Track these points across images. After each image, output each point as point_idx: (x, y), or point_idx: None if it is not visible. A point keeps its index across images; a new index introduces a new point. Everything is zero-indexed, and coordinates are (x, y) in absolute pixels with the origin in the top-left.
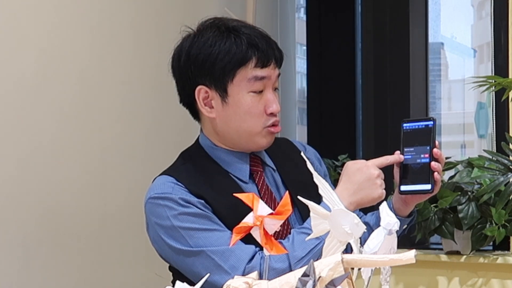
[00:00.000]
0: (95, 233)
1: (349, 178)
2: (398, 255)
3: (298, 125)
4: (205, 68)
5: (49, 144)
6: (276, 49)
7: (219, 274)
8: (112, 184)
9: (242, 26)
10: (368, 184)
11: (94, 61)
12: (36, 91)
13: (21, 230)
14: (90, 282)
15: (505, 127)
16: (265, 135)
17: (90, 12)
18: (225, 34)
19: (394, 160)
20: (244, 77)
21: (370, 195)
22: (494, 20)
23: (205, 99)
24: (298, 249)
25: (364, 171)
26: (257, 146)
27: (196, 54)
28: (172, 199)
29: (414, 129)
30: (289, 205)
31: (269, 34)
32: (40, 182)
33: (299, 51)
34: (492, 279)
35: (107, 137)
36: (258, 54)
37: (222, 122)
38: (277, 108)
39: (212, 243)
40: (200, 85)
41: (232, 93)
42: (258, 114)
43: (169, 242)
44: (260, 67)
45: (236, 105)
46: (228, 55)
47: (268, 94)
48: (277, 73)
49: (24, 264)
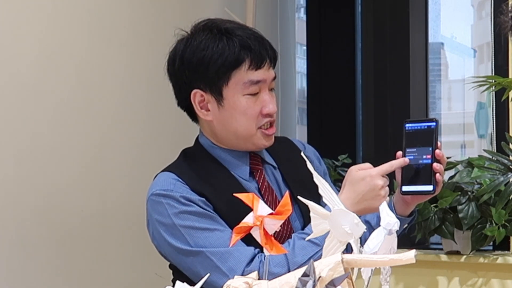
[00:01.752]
0: (94, 232)
1: (352, 187)
2: (398, 255)
3: (298, 125)
4: (199, 72)
5: (48, 143)
6: (270, 49)
7: (217, 275)
8: (111, 183)
9: (235, 27)
10: (371, 195)
11: (94, 61)
12: (34, 90)
13: (20, 230)
14: (90, 282)
15: (505, 127)
16: (260, 136)
17: (90, 12)
18: (217, 36)
19: (399, 165)
20: (239, 80)
21: (373, 205)
22: (494, 20)
23: (201, 103)
24: (298, 255)
25: (368, 181)
26: (255, 147)
27: (189, 58)
28: (174, 197)
29: (416, 129)
30: (289, 205)
31: (269, 34)
32: (39, 181)
33: (299, 51)
34: (492, 279)
35: (106, 136)
36: (251, 55)
37: (219, 124)
38: (274, 109)
39: (212, 243)
40: (195, 89)
41: (227, 96)
42: (253, 116)
43: (169, 239)
44: (254, 68)
45: (232, 107)
46: (221, 58)
47: (264, 96)
48: (272, 75)
49: (23, 264)
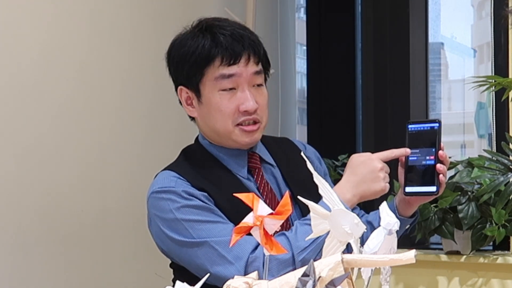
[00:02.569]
0: (94, 232)
1: (353, 170)
2: (398, 255)
3: (298, 125)
4: (179, 68)
5: (48, 143)
6: (249, 45)
7: (222, 264)
8: (112, 183)
9: (220, 24)
10: (371, 177)
11: (94, 61)
12: (35, 90)
13: (20, 230)
14: (90, 282)
15: (505, 127)
16: (239, 133)
17: (90, 12)
18: (196, 34)
19: (399, 154)
20: (212, 76)
21: (372, 187)
22: (494, 20)
23: (187, 100)
24: (301, 239)
25: (367, 163)
26: (237, 144)
27: (173, 55)
28: (175, 192)
29: (420, 130)
30: (289, 205)
31: (269, 34)
32: (39, 181)
33: (299, 51)
34: (492, 279)
35: (106, 136)
36: (222, 51)
37: (202, 121)
38: (253, 106)
39: (215, 234)
40: (180, 85)
41: (204, 92)
42: (228, 113)
43: (171, 235)
44: (227, 64)
45: (208, 104)
46: (194, 55)
47: (240, 92)
48: (252, 70)
49: (23, 264)
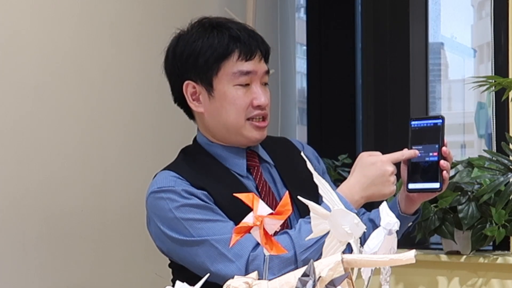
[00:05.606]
0: (95, 233)
1: (362, 171)
2: (398, 255)
3: (298, 125)
4: (189, 63)
5: (48, 143)
6: (261, 43)
7: (222, 262)
8: (111, 183)
9: (228, 22)
10: (381, 180)
11: (94, 60)
12: (34, 90)
13: (20, 229)
14: (90, 282)
15: (505, 127)
16: (250, 128)
17: (91, 12)
18: (208, 30)
19: (409, 156)
20: (229, 71)
21: (381, 191)
22: (494, 20)
23: (193, 94)
24: (304, 237)
25: (378, 166)
26: (247, 141)
27: (181, 51)
28: (175, 191)
29: (423, 127)
30: (289, 205)
31: (269, 34)
32: (39, 181)
33: (299, 51)
34: (492, 279)
35: (106, 136)
36: (240, 46)
37: (210, 116)
38: (266, 101)
39: (215, 232)
40: (187, 80)
41: (217, 86)
42: (243, 106)
43: (171, 234)
44: (244, 60)
45: (222, 98)
46: (211, 49)
47: (255, 87)
48: (264, 68)
49: (23, 263)
